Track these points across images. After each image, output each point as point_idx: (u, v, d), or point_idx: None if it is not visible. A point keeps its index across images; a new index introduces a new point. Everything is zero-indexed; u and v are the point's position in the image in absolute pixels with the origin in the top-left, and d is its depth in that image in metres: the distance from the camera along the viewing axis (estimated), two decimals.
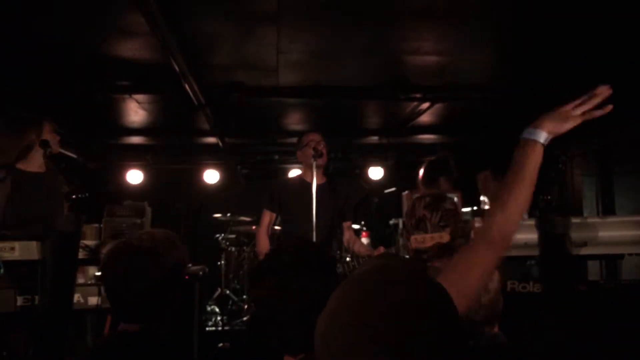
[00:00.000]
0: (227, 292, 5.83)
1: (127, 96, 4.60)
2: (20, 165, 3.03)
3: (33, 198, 2.99)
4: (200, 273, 4.39)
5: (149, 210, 4.97)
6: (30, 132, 2.94)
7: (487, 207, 3.33)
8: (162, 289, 1.46)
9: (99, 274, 2.66)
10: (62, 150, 3.23)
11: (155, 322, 1.48)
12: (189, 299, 4.17)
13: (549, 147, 1.39)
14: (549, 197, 2.53)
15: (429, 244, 3.17)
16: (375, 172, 6.88)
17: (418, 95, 4.46)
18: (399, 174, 7.47)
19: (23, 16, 3.12)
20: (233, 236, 6.15)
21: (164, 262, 1.45)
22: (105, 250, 1.56)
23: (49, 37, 3.41)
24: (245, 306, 5.54)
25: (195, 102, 4.35)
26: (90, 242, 2.67)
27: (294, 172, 6.04)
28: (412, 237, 3.20)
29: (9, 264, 2.54)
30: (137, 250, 1.45)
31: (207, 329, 5.22)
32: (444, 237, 3.19)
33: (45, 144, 2.54)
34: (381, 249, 3.15)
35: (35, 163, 3.06)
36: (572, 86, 4.23)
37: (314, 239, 2.98)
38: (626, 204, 5.63)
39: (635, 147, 5.43)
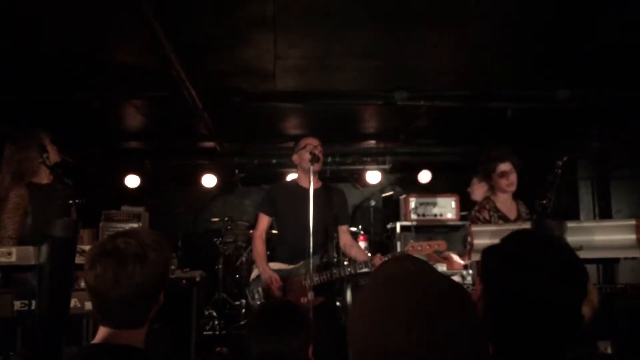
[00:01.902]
0: (225, 296, 5.83)
1: (125, 101, 4.62)
2: (34, 179, 3.13)
3: (49, 209, 3.03)
4: (198, 278, 4.41)
5: (145, 215, 4.99)
6: (33, 146, 2.99)
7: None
8: (147, 293, 1.42)
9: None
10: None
11: (136, 327, 1.44)
12: (186, 303, 4.19)
13: (546, 152, 1.39)
14: (544, 202, 2.54)
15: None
16: (373, 176, 6.90)
17: (415, 100, 4.47)
18: (396, 178, 7.50)
19: (22, 23, 3.13)
20: (231, 240, 6.15)
21: (150, 268, 1.40)
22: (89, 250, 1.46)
23: (48, 43, 3.43)
24: (243, 310, 5.54)
25: (193, 107, 4.37)
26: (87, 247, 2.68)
27: (292, 177, 6.05)
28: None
29: (6, 269, 2.55)
30: (125, 256, 1.38)
31: (204, 333, 5.22)
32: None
33: (42, 150, 2.56)
34: (379, 256, 3.16)
35: (44, 175, 3.15)
36: (572, 90, 4.26)
37: (310, 243, 2.98)
38: (623, 209, 5.65)
39: (632, 151, 5.46)
